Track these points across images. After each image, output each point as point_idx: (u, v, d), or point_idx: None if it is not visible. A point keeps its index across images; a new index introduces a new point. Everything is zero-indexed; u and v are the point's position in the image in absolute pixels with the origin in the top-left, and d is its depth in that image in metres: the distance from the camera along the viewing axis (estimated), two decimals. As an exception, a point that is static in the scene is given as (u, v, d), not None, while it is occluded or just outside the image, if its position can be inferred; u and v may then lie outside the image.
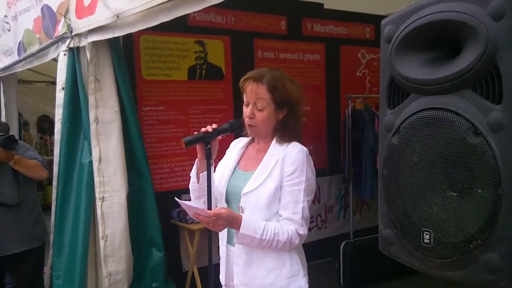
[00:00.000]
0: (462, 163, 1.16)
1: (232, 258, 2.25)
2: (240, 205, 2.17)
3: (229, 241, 2.26)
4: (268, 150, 2.18)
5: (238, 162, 2.33)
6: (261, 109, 2.13)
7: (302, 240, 2.12)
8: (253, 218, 2.08)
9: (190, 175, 2.32)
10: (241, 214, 2.12)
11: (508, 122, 1.10)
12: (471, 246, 1.17)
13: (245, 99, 2.19)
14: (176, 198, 2.17)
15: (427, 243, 1.26)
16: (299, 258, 2.18)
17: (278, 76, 2.15)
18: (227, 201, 2.26)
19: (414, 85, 1.29)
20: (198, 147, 2.17)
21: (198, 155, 2.21)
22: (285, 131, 2.17)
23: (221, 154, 2.37)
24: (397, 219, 1.35)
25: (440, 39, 1.25)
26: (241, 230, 2.03)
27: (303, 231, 2.09)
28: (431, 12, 1.23)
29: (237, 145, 2.38)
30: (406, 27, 1.29)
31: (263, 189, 2.11)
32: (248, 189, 2.15)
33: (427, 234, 1.26)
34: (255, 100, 2.13)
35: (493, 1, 1.11)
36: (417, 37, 1.28)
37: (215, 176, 2.31)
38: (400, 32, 1.31)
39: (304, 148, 2.14)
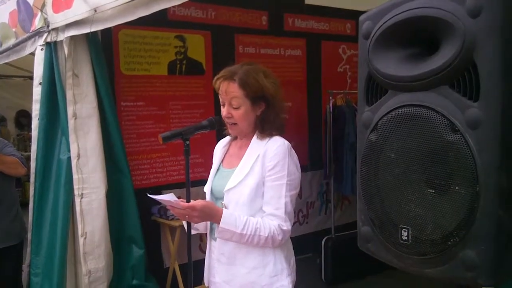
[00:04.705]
0: (440, 160, 1.16)
1: (213, 253, 2.24)
2: (223, 202, 2.16)
3: (211, 235, 2.26)
4: (249, 146, 2.16)
5: (222, 161, 2.32)
6: (237, 107, 2.10)
7: (286, 236, 2.10)
8: (234, 213, 2.06)
9: None
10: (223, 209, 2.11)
11: (485, 119, 1.10)
12: (449, 243, 1.17)
13: (220, 100, 2.16)
14: (148, 194, 2.16)
15: (405, 240, 1.26)
16: (284, 257, 2.15)
17: (250, 70, 2.11)
18: (212, 199, 2.25)
19: (392, 81, 1.28)
20: None
21: None
22: (264, 126, 2.14)
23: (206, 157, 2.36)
24: (375, 216, 1.34)
25: (417, 35, 1.25)
26: (221, 224, 2.01)
27: (287, 226, 2.07)
28: (408, 8, 1.22)
29: (220, 145, 2.38)
30: (384, 23, 1.28)
31: (244, 186, 2.10)
32: (230, 186, 2.13)
33: (405, 231, 1.25)
34: (230, 100, 2.11)
35: (470, -2, 1.11)
36: (395, 33, 1.28)
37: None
38: (378, 28, 1.30)
39: (286, 142, 2.11)
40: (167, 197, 2.05)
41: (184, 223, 2.29)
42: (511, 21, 1.08)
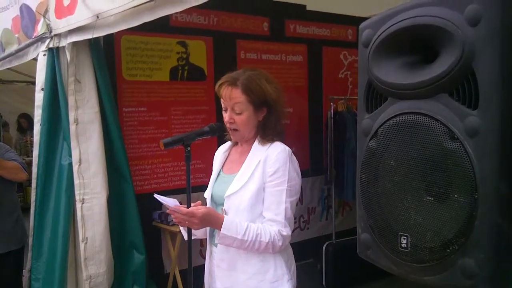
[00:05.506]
0: (439, 168, 1.17)
1: (214, 259, 2.24)
2: (223, 208, 2.16)
3: (212, 241, 2.26)
4: (250, 152, 2.17)
5: (223, 166, 2.32)
6: (240, 113, 2.11)
7: (286, 242, 2.11)
8: (235, 219, 2.07)
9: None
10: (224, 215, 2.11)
11: (484, 127, 1.10)
12: (448, 251, 1.17)
13: (222, 105, 2.17)
14: (155, 195, 2.17)
15: (404, 248, 1.26)
16: (284, 262, 2.15)
17: (253, 76, 2.12)
18: (213, 205, 2.26)
19: (391, 89, 1.29)
20: None
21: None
22: (266, 131, 2.16)
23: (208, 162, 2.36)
24: (374, 223, 1.34)
25: (417, 43, 1.25)
26: (222, 231, 2.02)
27: (287, 232, 2.07)
28: (408, 16, 1.23)
29: (220, 151, 2.38)
30: (384, 31, 1.29)
31: (245, 191, 2.10)
32: (231, 192, 2.13)
33: (404, 238, 1.26)
34: (232, 105, 2.11)
35: (469, 6, 1.11)
36: (394, 42, 1.28)
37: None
38: (378, 36, 1.31)
39: (287, 148, 2.12)
40: (171, 201, 2.06)
41: (182, 229, 2.30)
42: (510, 29, 1.08)
